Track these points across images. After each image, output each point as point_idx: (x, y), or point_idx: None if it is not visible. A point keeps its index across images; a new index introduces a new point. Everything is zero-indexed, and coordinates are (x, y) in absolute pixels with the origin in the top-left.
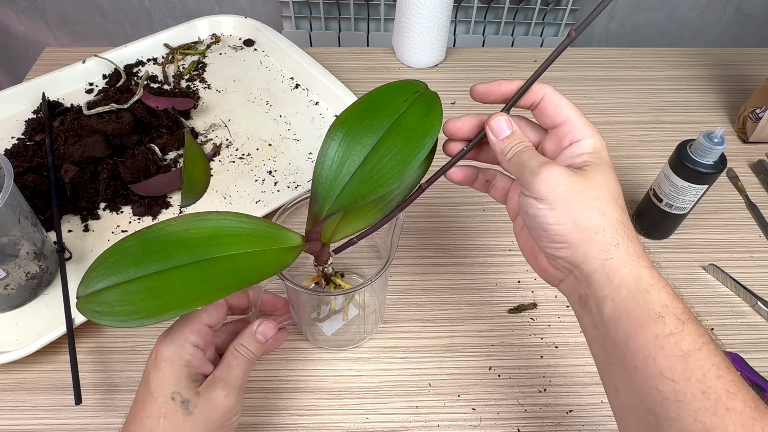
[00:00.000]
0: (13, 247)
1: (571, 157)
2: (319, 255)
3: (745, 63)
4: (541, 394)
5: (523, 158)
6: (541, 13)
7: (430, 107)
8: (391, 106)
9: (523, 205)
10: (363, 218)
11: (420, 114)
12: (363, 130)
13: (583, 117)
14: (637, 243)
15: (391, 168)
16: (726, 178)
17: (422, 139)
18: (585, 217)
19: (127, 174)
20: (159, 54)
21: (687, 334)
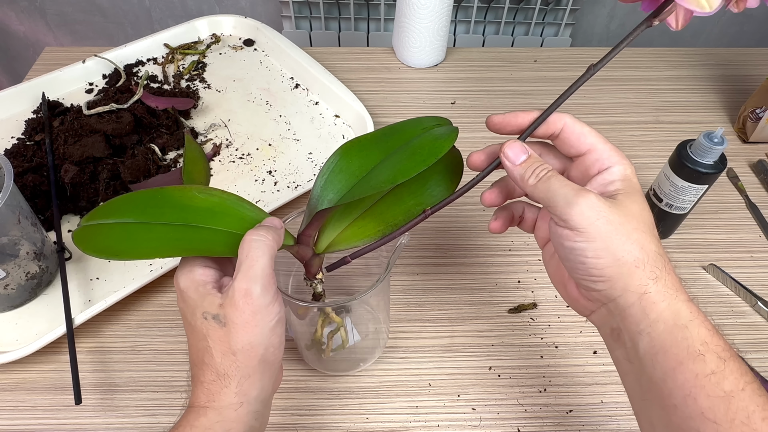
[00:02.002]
0: (13, 247)
1: (602, 185)
2: (309, 264)
3: (745, 63)
4: (541, 394)
5: (553, 185)
6: (541, 13)
7: (446, 135)
8: (408, 132)
9: (558, 236)
10: (362, 236)
11: (433, 138)
12: (375, 146)
13: (609, 143)
14: (674, 276)
15: (387, 175)
16: (726, 178)
17: (426, 155)
18: (625, 251)
19: (127, 174)
20: (159, 54)
21: (729, 373)
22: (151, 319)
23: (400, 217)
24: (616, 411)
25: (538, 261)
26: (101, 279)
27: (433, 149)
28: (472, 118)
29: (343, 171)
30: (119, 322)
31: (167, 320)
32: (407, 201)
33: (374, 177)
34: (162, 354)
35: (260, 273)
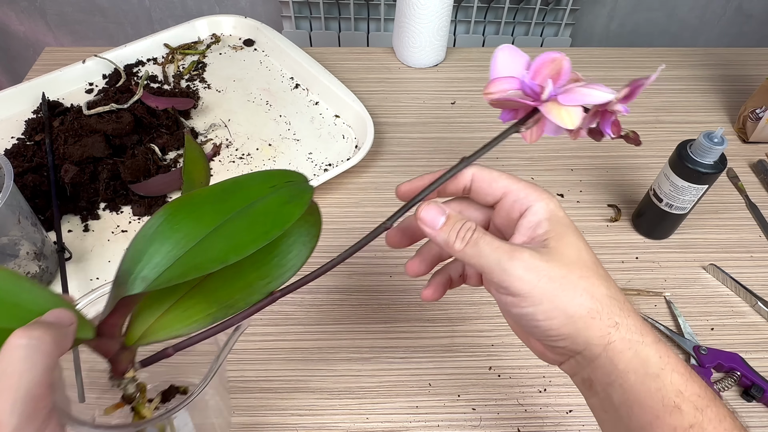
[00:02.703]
0: (13, 247)
1: (530, 229)
2: (115, 361)
3: (745, 63)
4: (541, 394)
5: (483, 249)
6: (541, 13)
7: (296, 196)
8: (252, 190)
9: (502, 303)
10: (187, 321)
11: (280, 201)
12: (211, 207)
13: (522, 181)
14: (635, 316)
15: (217, 250)
16: (726, 178)
17: (269, 225)
18: (576, 305)
19: (127, 174)
20: (159, 54)
21: (707, 423)
22: None
23: (239, 296)
24: None
25: None
26: (101, 279)
27: (279, 217)
28: (472, 118)
29: (166, 238)
30: None
31: None
32: (249, 275)
33: (202, 252)
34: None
35: (22, 396)
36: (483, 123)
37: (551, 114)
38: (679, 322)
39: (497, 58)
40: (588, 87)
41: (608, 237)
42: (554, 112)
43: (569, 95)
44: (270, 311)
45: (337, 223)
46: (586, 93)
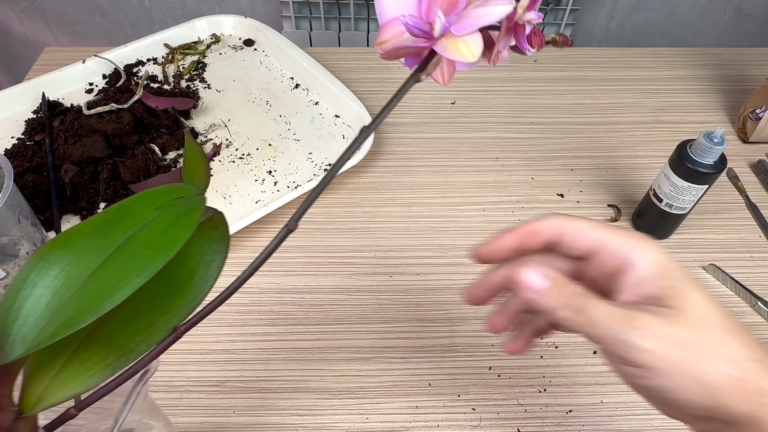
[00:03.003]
0: (13, 247)
1: (636, 287)
2: None
3: (745, 63)
4: (541, 394)
5: (595, 318)
6: (541, 13)
7: (183, 215)
8: (136, 216)
9: (625, 375)
10: (86, 374)
11: (165, 225)
12: (91, 243)
13: (615, 230)
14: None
15: (90, 301)
16: (726, 178)
17: (149, 258)
18: (713, 373)
19: (127, 174)
20: (159, 54)
21: None
22: None
23: (139, 338)
24: (616, 411)
25: None
26: None
27: (160, 246)
28: (472, 118)
29: (44, 288)
30: None
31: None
32: (148, 312)
33: (77, 301)
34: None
35: None
36: (483, 123)
37: (447, 51)
38: None
39: (379, 2)
40: (482, 5)
41: None
42: (450, 47)
43: (462, 23)
44: (270, 311)
45: (336, 223)
46: (481, 13)
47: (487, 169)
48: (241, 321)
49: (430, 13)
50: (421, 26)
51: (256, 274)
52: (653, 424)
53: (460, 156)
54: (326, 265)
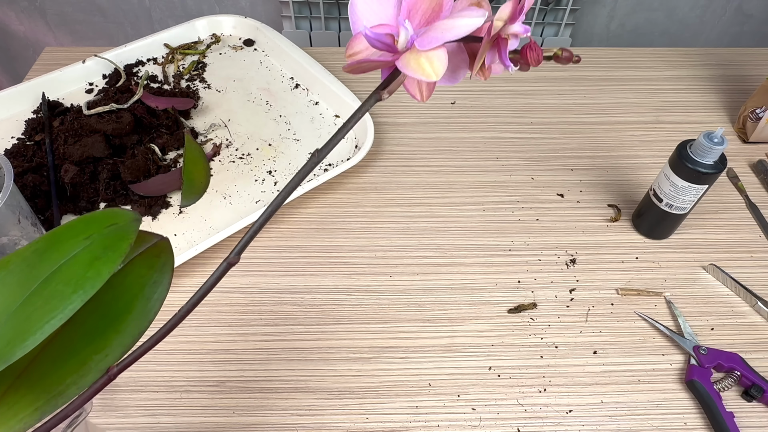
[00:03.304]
0: (13, 247)
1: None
2: None
3: (745, 63)
4: (541, 394)
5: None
6: (541, 13)
7: (111, 246)
8: (65, 246)
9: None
10: (11, 420)
11: (90, 258)
12: (16, 277)
13: None
14: None
15: (8, 341)
16: (726, 178)
17: (68, 297)
18: None
19: (127, 174)
20: (159, 54)
21: None
22: None
23: (70, 380)
24: (616, 411)
25: (538, 261)
26: None
27: (81, 282)
28: (472, 118)
29: None
30: None
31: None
32: (82, 351)
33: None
34: (162, 354)
35: None
36: (483, 123)
37: (409, 68)
38: (679, 322)
39: (355, 6)
40: (453, 16)
41: (608, 237)
42: (413, 64)
43: (427, 36)
44: (270, 311)
45: (337, 223)
46: (448, 26)
47: (487, 169)
48: (241, 321)
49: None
50: (383, 39)
51: (256, 274)
52: (653, 424)
53: (460, 156)
54: (326, 265)
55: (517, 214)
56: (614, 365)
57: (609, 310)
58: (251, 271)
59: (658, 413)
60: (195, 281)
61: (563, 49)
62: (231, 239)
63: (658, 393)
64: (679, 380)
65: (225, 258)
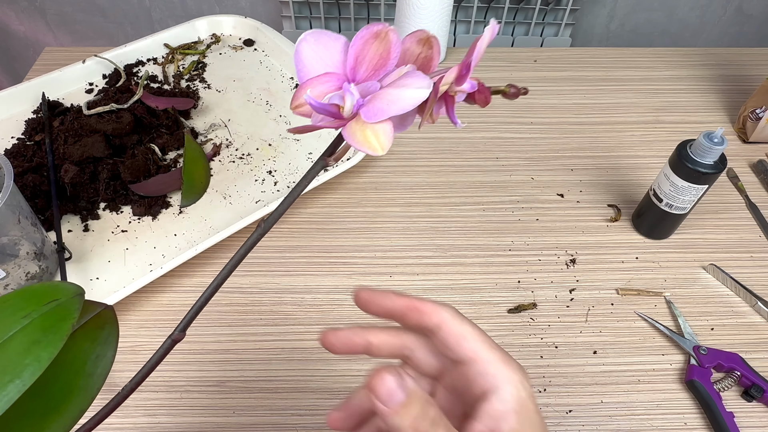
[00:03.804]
0: (13, 247)
1: (493, 419)
2: None
3: (745, 63)
4: (541, 394)
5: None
6: (541, 13)
7: (52, 327)
8: (3, 324)
9: None
10: None
11: (28, 341)
12: None
13: (495, 350)
14: None
15: None
16: (726, 178)
17: (4, 388)
18: None
19: (127, 174)
20: (159, 54)
21: None
22: (151, 319)
23: None
24: (616, 411)
25: (538, 261)
26: (101, 279)
27: (19, 370)
28: (472, 118)
29: None
30: (119, 322)
31: (167, 320)
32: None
33: None
34: None
35: None
36: (483, 123)
37: (354, 139)
38: (679, 322)
39: (301, 53)
40: (398, 85)
41: (608, 237)
42: (358, 135)
43: (372, 107)
44: (270, 311)
45: (336, 223)
46: (393, 98)
47: (487, 169)
48: (241, 321)
49: (355, 72)
50: (328, 108)
51: (256, 274)
52: (653, 424)
53: (460, 156)
54: (326, 265)
55: (517, 214)
56: (614, 365)
57: (609, 310)
58: (251, 271)
59: (658, 413)
60: (195, 281)
61: (510, 86)
62: (231, 239)
63: (658, 393)
64: (679, 380)
65: (169, 335)
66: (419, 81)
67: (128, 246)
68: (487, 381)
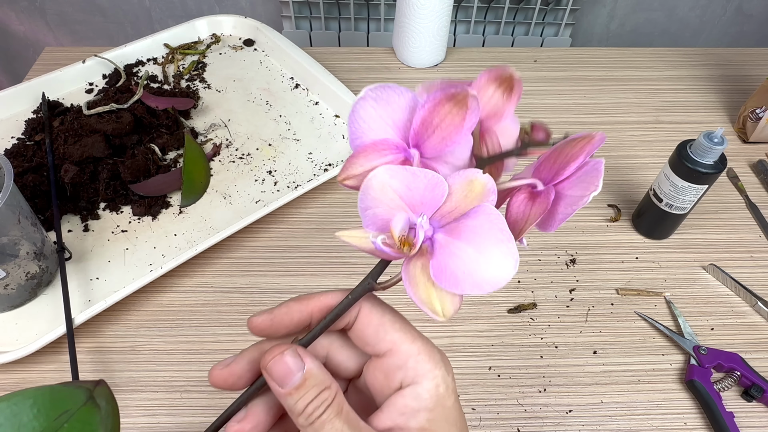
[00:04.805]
0: (13, 247)
1: (402, 415)
2: None
3: (745, 63)
4: (541, 394)
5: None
6: (541, 13)
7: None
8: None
9: None
10: None
11: None
12: None
13: (417, 341)
14: None
15: None
16: (726, 178)
17: None
18: None
19: (127, 174)
20: (159, 54)
21: None
22: (151, 319)
23: None
24: (616, 411)
25: (538, 261)
26: (101, 279)
27: None
28: None
29: None
30: (119, 323)
31: (167, 320)
32: None
33: None
34: (162, 354)
35: None
36: None
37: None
38: (679, 322)
39: (357, 116)
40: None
41: (608, 237)
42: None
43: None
44: None
45: (336, 223)
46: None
47: None
48: (241, 321)
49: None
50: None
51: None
52: (653, 424)
53: None
54: (326, 265)
55: None
56: (614, 365)
57: (609, 310)
58: (251, 271)
59: (658, 413)
60: (195, 281)
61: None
62: (231, 239)
63: (658, 393)
64: (679, 380)
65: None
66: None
67: (128, 246)
68: (406, 375)
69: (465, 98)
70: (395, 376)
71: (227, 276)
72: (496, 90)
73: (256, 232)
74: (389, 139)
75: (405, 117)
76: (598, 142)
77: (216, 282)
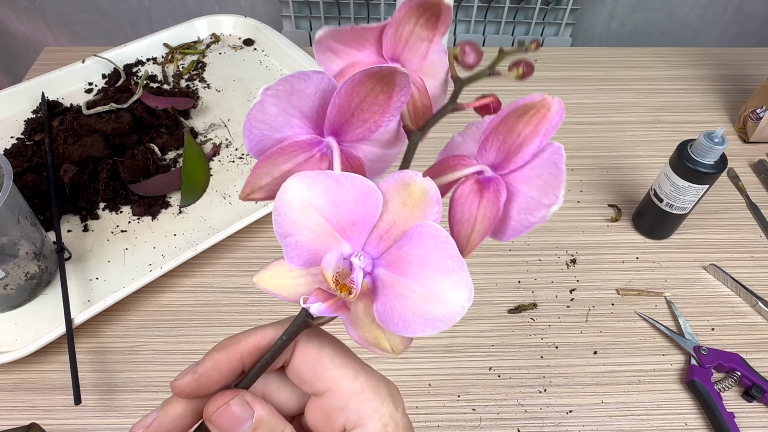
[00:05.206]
0: (13, 247)
1: None
2: None
3: (745, 63)
4: (541, 394)
5: None
6: (541, 13)
7: None
8: None
9: None
10: None
11: None
12: None
13: (360, 377)
14: None
15: None
16: (726, 178)
17: None
18: None
19: (127, 174)
20: (158, 54)
21: None
22: (151, 320)
23: None
24: (617, 411)
25: (538, 261)
26: (101, 279)
27: None
28: (472, 118)
29: None
30: (119, 323)
31: (167, 320)
32: None
33: None
34: (161, 354)
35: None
36: None
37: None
38: (679, 322)
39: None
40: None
41: (608, 237)
42: (367, 334)
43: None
44: (270, 311)
45: None
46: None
47: None
48: (241, 321)
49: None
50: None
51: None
52: (653, 425)
53: None
54: None
55: None
56: (614, 365)
57: (609, 311)
58: (251, 271)
59: (658, 413)
60: (195, 281)
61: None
62: (231, 239)
63: (659, 393)
64: (679, 380)
65: None
66: (459, 279)
67: (128, 246)
68: (348, 417)
69: (392, 75)
70: (337, 419)
71: (227, 276)
72: (418, 20)
73: (256, 232)
74: (297, 136)
75: (315, 103)
76: (557, 117)
77: (216, 282)
